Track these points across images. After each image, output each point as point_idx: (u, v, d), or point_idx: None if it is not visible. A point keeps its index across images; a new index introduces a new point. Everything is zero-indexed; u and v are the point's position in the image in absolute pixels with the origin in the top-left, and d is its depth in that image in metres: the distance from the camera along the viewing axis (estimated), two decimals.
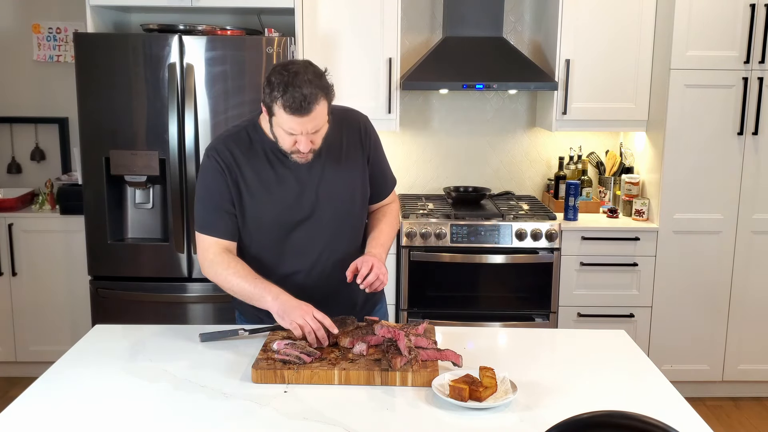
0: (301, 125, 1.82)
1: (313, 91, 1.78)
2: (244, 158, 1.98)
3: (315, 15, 3.59)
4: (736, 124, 3.53)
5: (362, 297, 2.14)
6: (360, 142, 2.08)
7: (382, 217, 2.17)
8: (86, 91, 3.34)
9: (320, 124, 1.86)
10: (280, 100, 1.79)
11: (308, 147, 1.87)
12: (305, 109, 1.78)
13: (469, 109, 4.13)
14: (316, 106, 1.80)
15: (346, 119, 2.08)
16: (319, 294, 2.01)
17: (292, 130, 1.83)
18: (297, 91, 1.77)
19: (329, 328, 1.84)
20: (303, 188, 2.00)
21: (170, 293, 3.45)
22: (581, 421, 1.07)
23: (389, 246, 2.11)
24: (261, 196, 1.99)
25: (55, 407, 1.63)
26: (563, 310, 3.63)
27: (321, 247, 2.04)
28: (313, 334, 1.83)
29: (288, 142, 1.87)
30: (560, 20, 3.66)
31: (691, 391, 3.61)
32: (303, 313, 1.83)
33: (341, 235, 2.06)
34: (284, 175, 1.99)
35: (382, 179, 2.18)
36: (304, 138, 1.85)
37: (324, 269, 2.05)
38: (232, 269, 1.95)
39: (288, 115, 1.80)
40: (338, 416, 1.58)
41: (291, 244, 2.03)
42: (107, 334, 2.09)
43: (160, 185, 3.47)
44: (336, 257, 2.04)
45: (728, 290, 3.65)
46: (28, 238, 3.74)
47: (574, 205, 3.69)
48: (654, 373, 1.85)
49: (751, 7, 3.44)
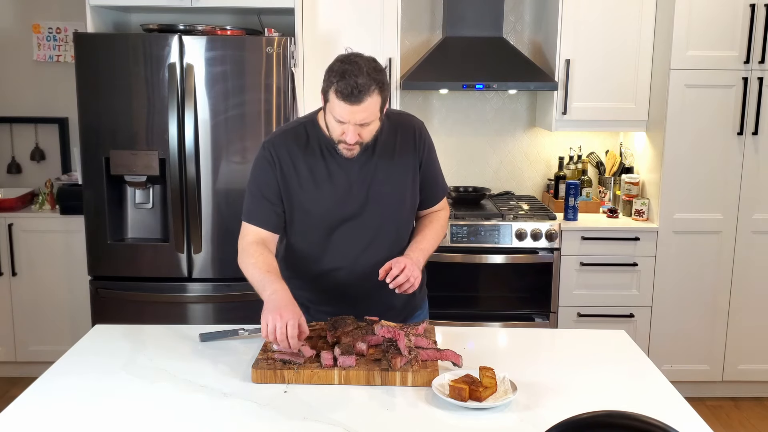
0: (351, 114, 1.84)
1: (367, 82, 1.81)
2: (299, 152, 2.01)
3: (315, 15, 3.59)
4: (736, 124, 3.53)
5: (401, 301, 2.13)
6: (414, 146, 2.09)
7: (428, 224, 2.17)
8: (86, 91, 3.34)
9: (370, 117, 1.87)
10: (334, 86, 1.82)
11: (355, 139, 1.88)
12: (356, 98, 1.81)
13: (469, 109, 4.13)
14: (368, 97, 1.82)
15: (401, 123, 2.10)
16: (357, 293, 2.04)
17: (341, 117, 1.85)
18: (352, 79, 1.80)
19: (292, 347, 1.76)
20: (353, 186, 2.02)
21: (170, 293, 3.45)
22: (581, 421, 1.07)
23: (430, 252, 2.08)
24: (311, 191, 2.01)
25: (55, 407, 1.63)
26: (563, 310, 3.63)
27: (364, 246, 2.05)
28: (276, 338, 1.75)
29: (337, 130, 1.90)
30: (560, 20, 3.66)
31: (691, 391, 3.61)
32: (278, 317, 1.75)
33: (386, 237, 2.07)
34: (336, 172, 2.01)
35: (434, 185, 2.17)
36: (352, 128, 1.87)
37: (365, 269, 2.04)
38: (253, 259, 1.95)
39: (339, 102, 1.82)
40: (338, 416, 1.58)
41: (336, 240, 2.04)
42: (107, 334, 2.09)
43: (160, 185, 3.47)
44: (378, 258, 2.02)
45: (728, 290, 3.66)
46: (28, 238, 3.75)
47: (574, 205, 3.69)
48: (654, 373, 1.85)
49: (751, 7, 3.43)
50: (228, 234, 3.36)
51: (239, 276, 2.00)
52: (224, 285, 3.43)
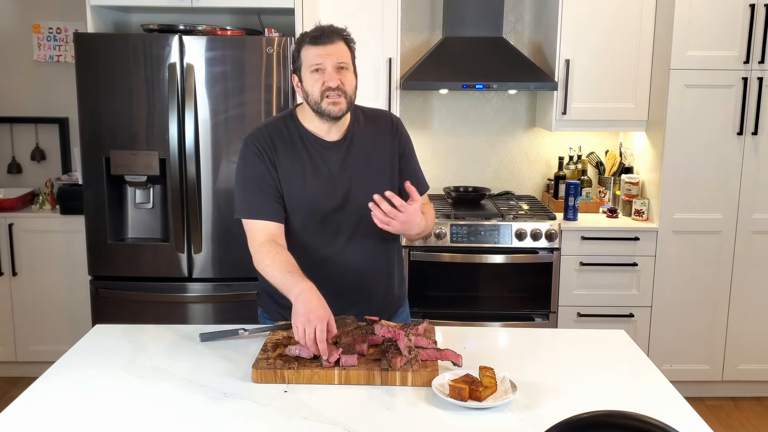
0: (326, 55, 1.93)
1: (334, 29, 1.98)
2: (280, 146, 2.04)
3: (315, 15, 3.58)
4: (736, 124, 3.53)
5: (390, 295, 2.19)
6: (391, 137, 2.14)
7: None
8: (86, 91, 3.34)
9: (344, 59, 1.96)
10: (305, 39, 1.97)
11: (336, 82, 1.94)
12: (327, 38, 1.94)
13: (469, 109, 4.13)
14: (337, 40, 1.95)
15: (378, 115, 2.18)
16: (344, 282, 2.06)
17: (317, 60, 1.94)
18: (319, 28, 1.97)
19: (321, 352, 1.75)
20: (335, 177, 2.05)
21: (170, 293, 3.45)
22: (581, 421, 1.07)
23: (425, 223, 2.05)
24: (294, 184, 2.03)
25: (55, 407, 1.63)
26: (563, 309, 3.64)
27: (348, 236, 2.08)
28: (306, 343, 1.76)
29: (318, 83, 1.95)
30: (560, 20, 3.66)
31: (691, 391, 3.61)
32: (307, 321, 1.75)
33: (370, 227, 2.07)
34: (317, 164, 2.04)
35: (414, 179, 2.16)
36: (331, 71, 1.94)
37: (351, 259, 2.08)
38: (269, 260, 1.94)
39: (312, 47, 1.95)
40: (338, 416, 1.58)
41: (322, 231, 2.06)
42: (107, 334, 2.09)
43: (161, 185, 3.47)
44: (363, 248, 2.09)
45: (728, 290, 3.66)
46: (28, 238, 3.75)
47: (574, 205, 3.69)
48: (654, 373, 1.85)
49: (751, 7, 3.44)
50: (228, 234, 3.36)
51: (239, 276, 2.01)
52: (224, 285, 3.43)
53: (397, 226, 1.92)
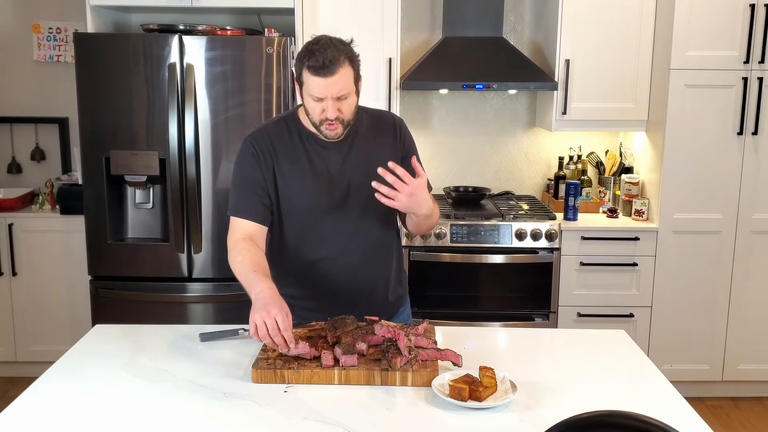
0: (327, 87, 1.87)
1: (336, 54, 1.86)
2: (281, 146, 2.03)
3: (315, 15, 3.59)
4: (736, 124, 3.53)
5: (390, 295, 2.17)
6: (394, 138, 2.12)
7: None
8: (86, 91, 3.34)
9: (345, 89, 1.90)
10: (306, 64, 1.87)
11: (335, 113, 1.91)
12: (329, 69, 1.85)
13: (469, 109, 4.13)
14: (339, 68, 1.86)
15: (381, 117, 2.16)
16: (342, 285, 2.06)
17: (318, 93, 1.89)
18: (321, 54, 1.86)
19: (287, 341, 1.74)
20: (335, 178, 2.04)
21: (170, 293, 3.45)
22: (581, 421, 1.07)
23: (432, 204, 2.02)
24: (294, 184, 2.03)
25: (55, 407, 1.63)
26: (563, 309, 3.64)
27: (348, 237, 2.07)
28: (269, 337, 1.74)
29: (317, 110, 1.92)
30: (560, 20, 3.66)
31: (691, 391, 3.61)
32: (265, 314, 1.74)
33: (369, 228, 2.09)
34: (318, 164, 2.03)
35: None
36: (331, 103, 1.90)
37: (350, 260, 2.08)
38: (240, 257, 1.95)
39: (313, 77, 1.87)
40: (338, 416, 1.58)
41: (321, 231, 2.06)
42: (107, 334, 2.09)
43: (160, 185, 3.47)
44: (363, 249, 2.08)
45: (728, 290, 3.66)
46: (28, 238, 3.75)
47: (574, 205, 3.69)
48: (654, 373, 1.85)
49: (751, 7, 3.44)
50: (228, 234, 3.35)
51: None
52: (224, 285, 3.43)
53: (403, 200, 1.88)
